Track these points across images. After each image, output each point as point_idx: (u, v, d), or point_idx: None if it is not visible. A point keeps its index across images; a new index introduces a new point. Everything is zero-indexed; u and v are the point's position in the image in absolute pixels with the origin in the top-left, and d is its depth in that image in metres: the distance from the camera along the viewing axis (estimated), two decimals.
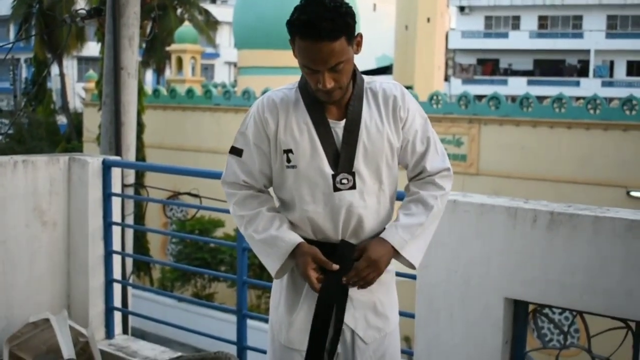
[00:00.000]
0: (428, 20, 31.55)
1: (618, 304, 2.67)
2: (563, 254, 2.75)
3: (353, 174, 2.28)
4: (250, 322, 4.43)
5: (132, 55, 5.49)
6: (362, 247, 2.29)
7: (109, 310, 4.66)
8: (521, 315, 2.94)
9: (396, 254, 2.32)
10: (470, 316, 2.97)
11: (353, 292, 2.33)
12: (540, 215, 2.79)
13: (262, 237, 2.32)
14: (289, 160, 2.29)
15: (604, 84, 41.68)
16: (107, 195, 4.56)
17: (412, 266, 2.36)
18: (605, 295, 2.68)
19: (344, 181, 2.28)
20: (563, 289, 2.76)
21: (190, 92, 24.29)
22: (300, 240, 2.29)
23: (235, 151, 2.39)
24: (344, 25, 2.13)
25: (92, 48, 30.37)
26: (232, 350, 4.21)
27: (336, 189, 2.27)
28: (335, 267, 2.25)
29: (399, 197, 2.46)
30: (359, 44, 2.22)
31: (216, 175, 2.99)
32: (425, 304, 3.08)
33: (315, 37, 2.11)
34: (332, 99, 2.25)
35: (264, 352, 2.59)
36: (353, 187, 2.28)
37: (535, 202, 2.93)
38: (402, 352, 2.94)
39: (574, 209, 2.77)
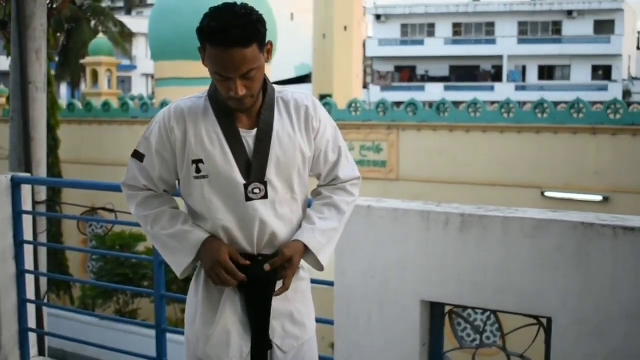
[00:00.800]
0: (345, 28, 31.82)
1: (529, 302, 2.73)
2: (475, 254, 2.80)
3: (265, 184, 2.28)
4: (174, 337, 4.35)
5: (40, 69, 5.32)
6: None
7: (23, 331, 4.50)
8: (437, 317, 2.99)
9: (306, 255, 2.33)
10: (388, 320, 3.00)
11: (272, 301, 2.33)
12: (452, 218, 2.84)
13: (170, 232, 2.31)
14: (198, 171, 2.27)
15: (517, 89, 43.01)
16: (17, 213, 4.41)
17: (321, 268, 2.37)
18: (516, 293, 2.75)
19: (256, 191, 2.27)
20: (476, 289, 2.81)
21: (106, 105, 23.77)
22: (209, 234, 2.29)
23: (138, 155, 2.38)
24: (255, 32, 2.13)
25: (2, 62, 29.46)
26: None
27: (248, 199, 2.26)
28: (246, 262, 2.25)
29: (310, 204, 2.47)
30: (270, 52, 2.22)
31: None
32: (344, 310, 3.09)
33: (227, 44, 2.09)
34: (244, 107, 2.24)
35: None
36: (265, 196, 2.28)
37: (447, 205, 2.98)
38: (325, 359, 2.95)
39: (484, 211, 2.83)
